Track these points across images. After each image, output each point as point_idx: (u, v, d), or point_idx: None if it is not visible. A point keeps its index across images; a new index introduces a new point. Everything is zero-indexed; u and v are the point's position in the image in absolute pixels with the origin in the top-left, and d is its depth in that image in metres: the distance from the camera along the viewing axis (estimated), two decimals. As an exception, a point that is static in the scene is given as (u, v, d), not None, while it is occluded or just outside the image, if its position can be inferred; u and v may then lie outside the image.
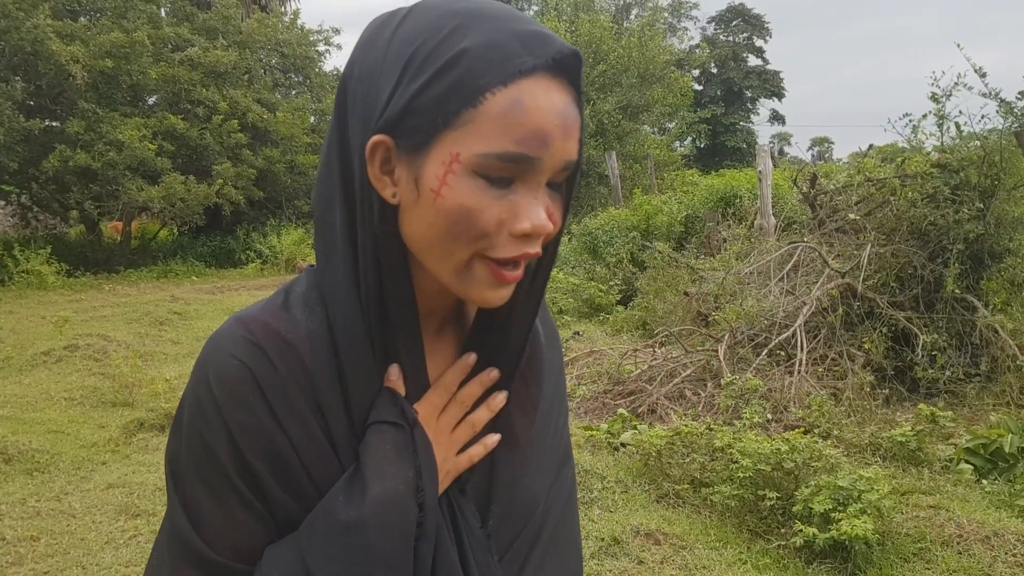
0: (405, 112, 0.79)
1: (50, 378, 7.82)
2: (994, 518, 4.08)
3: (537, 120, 0.78)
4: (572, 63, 0.81)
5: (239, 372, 0.84)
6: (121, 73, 16.86)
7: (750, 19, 43.54)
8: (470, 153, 0.78)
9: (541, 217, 0.81)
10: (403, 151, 0.81)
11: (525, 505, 0.95)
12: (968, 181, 6.61)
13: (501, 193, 0.80)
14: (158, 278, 16.93)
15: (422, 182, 0.80)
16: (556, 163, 0.81)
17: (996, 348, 6.18)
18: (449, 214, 0.79)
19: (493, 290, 0.84)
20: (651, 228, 12.36)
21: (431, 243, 0.82)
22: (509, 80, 0.78)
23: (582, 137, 0.84)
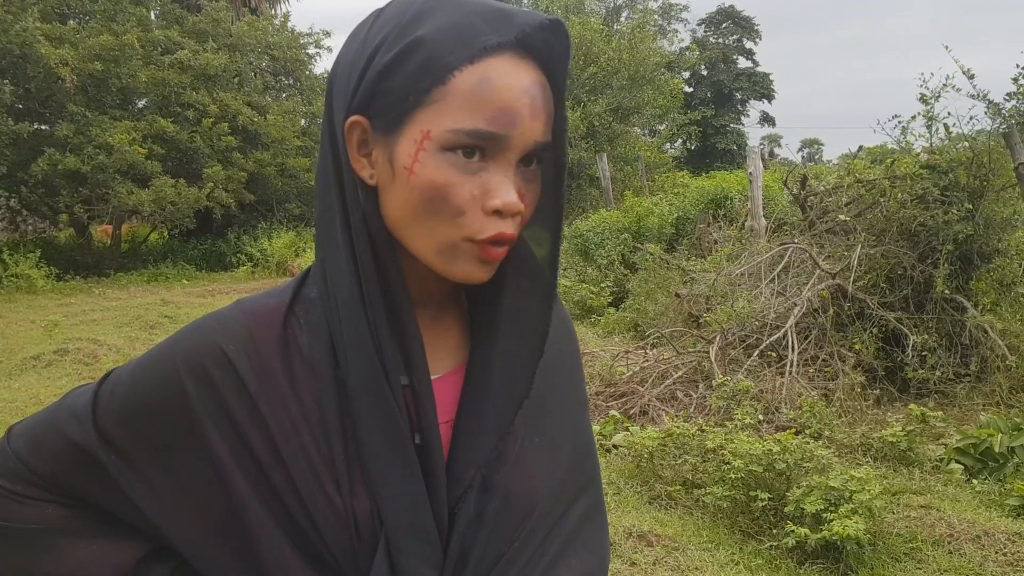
0: (376, 91, 0.82)
1: (40, 382, 7.77)
2: (984, 517, 4.10)
3: (505, 97, 0.80)
4: (539, 40, 0.82)
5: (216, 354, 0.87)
6: (110, 76, 16.80)
7: (740, 21, 43.63)
8: (440, 130, 0.80)
9: (512, 195, 0.82)
10: (378, 131, 0.84)
11: (522, 498, 0.92)
12: (957, 182, 6.63)
13: (472, 170, 0.81)
14: (148, 281, 16.87)
15: (396, 161, 0.83)
16: (525, 142, 0.83)
17: (986, 348, 6.21)
18: (423, 191, 0.81)
19: (478, 266, 0.85)
20: (642, 230, 12.38)
21: (410, 222, 0.84)
22: (476, 58, 0.80)
23: (560, 119, 0.85)
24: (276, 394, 0.87)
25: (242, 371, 0.86)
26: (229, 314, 0.91)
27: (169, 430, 0.87)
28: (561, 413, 1.01)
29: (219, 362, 0.87)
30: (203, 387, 0.86)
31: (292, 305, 0.91)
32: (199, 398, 0.86)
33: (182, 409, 0.86)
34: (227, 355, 0.87)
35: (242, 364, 0.87)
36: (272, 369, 0.87)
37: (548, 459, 0.97)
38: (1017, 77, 6.89)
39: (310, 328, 0.89)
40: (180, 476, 0.88)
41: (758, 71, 43.37)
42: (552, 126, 0.85)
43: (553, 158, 0.87)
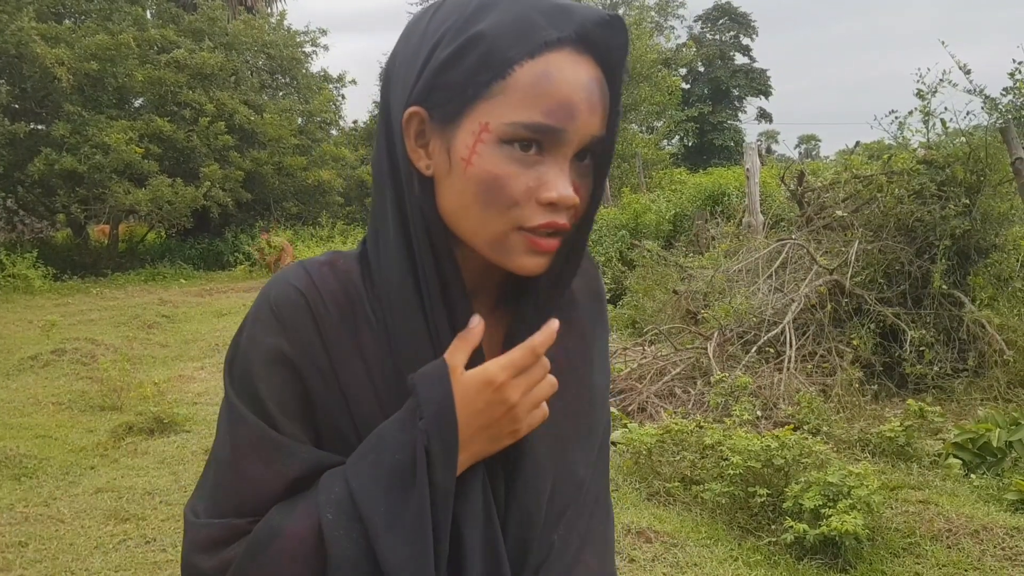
0: (436, 84, 0.84)
1: (37, 383, 7.77)
2: (983, 512, 4.10)
3: (564, 92, 0.82)
4: (598, 36, 0.84)
5: (299, 300, 0.89)
6: (107, 75, 16.79)
7: (737, 18, 43.63)
8: (499, 122, 0.82)
9: (568, 188, 0.84)
10: (436, 122, 0.85)
11: (573, 475, 0.97)
12: (954, 177, 6.64)
13: (529, 163, 0.83)
14: (146, 281, 16.86)
15: (453, 152, 0.84)
16: (582, 136, 0.84)
17: (983, 343, 6.22)
18: (480, 182, 0.83)
19: (530, 257, 0.86)
20: (640, 227, 12.38)
21: (465, 213, 0.86)
22: (536, 52, 0.82)
23: (614, 115, 0.87)
24: (340, 340, 0.90)
25: (316, 314, 0.90)
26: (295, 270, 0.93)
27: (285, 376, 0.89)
28: (594, 405, 1.04)
29: (302, 305, 0.90)
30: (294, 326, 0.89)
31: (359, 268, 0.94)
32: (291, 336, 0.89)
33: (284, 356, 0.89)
34: (307, 299, 0.90)
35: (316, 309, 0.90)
36: (338, 318, 0.91)
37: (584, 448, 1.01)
38: (1014, 72, 6.90)
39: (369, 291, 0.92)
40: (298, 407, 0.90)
41: (755, 67, 43.38)
42: (607, 121, 0.86)
43: (604, 150, 0.88)
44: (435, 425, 0.84)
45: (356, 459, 0.87)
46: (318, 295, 0.90)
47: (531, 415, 0.88)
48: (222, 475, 0.90)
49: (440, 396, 0.85)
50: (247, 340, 0.91)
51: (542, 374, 0.89)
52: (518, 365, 0.86)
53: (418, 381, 0.86)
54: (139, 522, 4.49)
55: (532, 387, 0.88)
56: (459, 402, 0.85)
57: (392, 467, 0.84)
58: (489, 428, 0.86)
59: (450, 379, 0.85)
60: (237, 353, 0.92)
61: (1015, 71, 6.89)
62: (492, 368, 0.86)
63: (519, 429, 0.88)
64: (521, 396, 0.86)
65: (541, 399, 0.89)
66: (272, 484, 0.88)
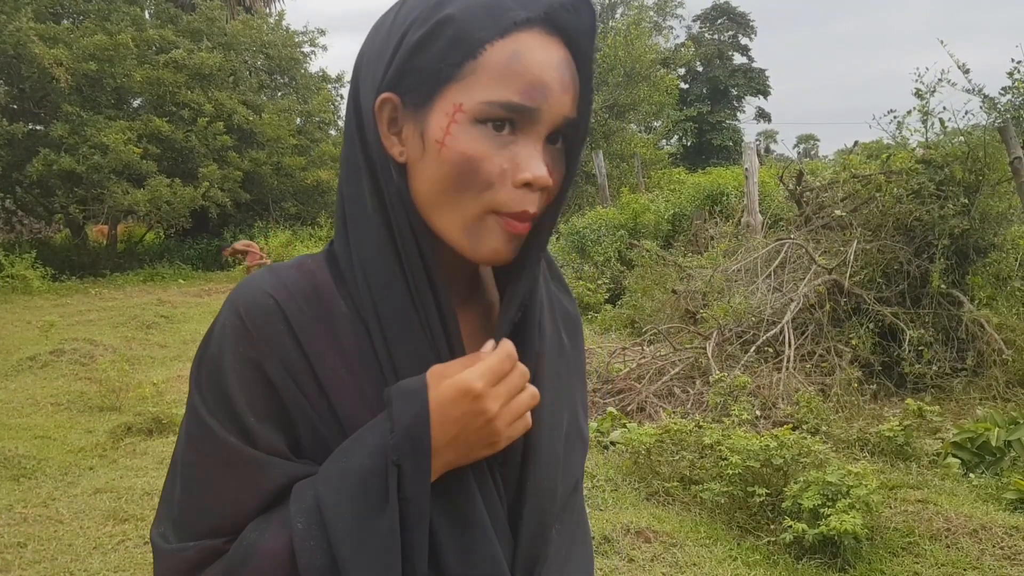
0: (407, 69, 0.84)
1: (36, 383, 7.77)
2: (981, 511, 4.10)
3: (536, 71, 0.82)
4: (565, 18, 0.84)
5: (268, 303, 0.87)
6: (105, 76, 16.77)
7: (735, 17, 43.63)
8: (473, 102, 0.82)
9: (542, 168, 0.84)
10: (409, 107, 0.85)
11: (552, 481, 0.96)
12: (953, 177, 6.64)
13: (503, 143, 0.83)
14: (144, 281, 16.84)
15: (427, 135, 0.84)
16: (555, 116, 0.84)
17: (982, 342, 6.22)
18: (454, 163, 0.83)
19: (504, 243, 0.86)
20: (638, 226, 12.38)
21: (439, 197, 0.85)
22: (506, 32, 0.82)
23: (585, 97, 0.86)
24: (317, 339, 0.88)
25: (290, 317, 0.88)
26: (263, 274, 0.92)
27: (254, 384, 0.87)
28: (574, 408, 1.04)
29: (274, 309, 0.88)
30: (265, 332, 0.87)
31: (326, 268, 0.93)
32: (265, 347, 0.87)
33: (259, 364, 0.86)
34: (277, 303, 0.88)
35: (290, 311, 0.88)
36: (312, 318, 0.89)
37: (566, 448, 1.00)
38: (1012, 72, 6.91)
39: (343, 290, 0.91)
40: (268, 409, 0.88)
41: (753, 67, 43.38)
42: (578, 103, 0.86)
43: (577, 134, 0.88)
44: (406, 440, 0.82)
45: (327, 464, 0.85)
46: (288, 295, 0.88)
47: (511, 427, 0.86)
48: (193, 494, 0.88)
49: (414, 411, 0.83)
50: (216, 348, 0.87)
51: (521, 383, 0.87)
52: (496, 371, 0.85)
53: (395, 394, 0.84)
54: (138, 522, 4.48)
55: (512, 397, 0.86)
56: (435, 410, 0.83)
57: (359, 472, 0.82)
58: (464, 438, 0.84)
59: (427, 395, 0.83)
60: (205, 363, 0.89)
61: (1014, 70, 6.91)
62: (470, 376, 0.83)
63: (497, 441, 0.86)
64: (501, 407, 0.85)
65: (522, 410, 0.87)
66: (247, 501, 0.86)
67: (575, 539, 1.01)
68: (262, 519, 0.85)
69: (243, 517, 0.86)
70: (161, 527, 0.90)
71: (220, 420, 0.86)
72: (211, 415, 0.86)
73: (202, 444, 0.87)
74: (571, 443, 1.00)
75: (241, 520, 0.86)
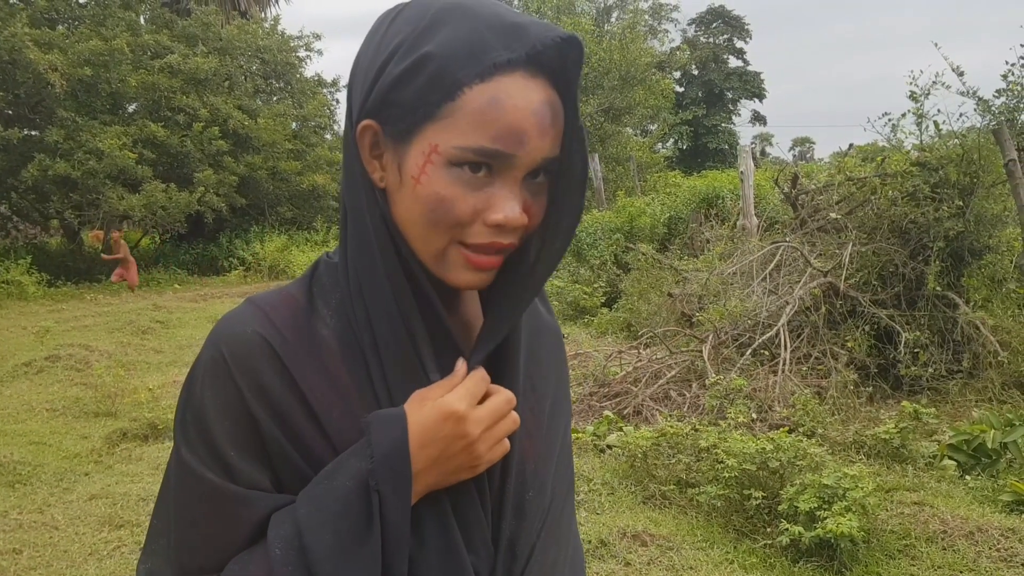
0: (388, 100, 0.84)
1: (31, 389, 7.75)
2: (978, 513, 4.11)
3: (513, 118, 0.81)
4: (550, 58, 0.82)
5: (249, 336, 0.88)
6: (100, 81, 16.78)
7: (730, 21, 43.73)
8: (448, 145, 0.81)
9: (515, 210, 0.84)
10: (389, 137, 0.86)
11: (539, 498, 0.97)
12: (948, 179, 6.65)
13: (478, 185, 0.83)
14: (140, 286, 16.83)
15: (404, 169, 0.85)
16: (532, 159, 0.84)
17: (977, 344, 6.23)
18: (427, 201, 0.83)
19: (468, 273, 0.86)
20: (634, 230, 12.39)
21: (411, 227, 0.86)
22: (486, 75, 0.81)
23: (571, 133, 0.85)
24: (306, 367, 0.89)
25: (277, 348, 0.88)
26: (245, 308, 0.92)
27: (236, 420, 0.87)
28: (556, 416, 1.04)
29: (257, 343, 0.88)
30: (247, 370, 0.87)
31: (308, 291, 0.94)
32: (245, 384, 0.87)
33: (241, 401, 0.87)
34: (262, 336, 0.88)
35: (275, 343, 0.88)
36: (297, 347, 0.89)
37: (552, 458, 1.01)
38: (1006, 74, 6.92)
39: (329, 311, 0.92)
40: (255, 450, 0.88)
41: (748, 70, 43.48)
42: (561, 140, 0.85)
43: (565, 169, 0.86)
44: (385, 466, 0.83)
45: (308, 488, 0.85)
46: (271, 326, 0.89)
47: (492, 451, 0.87)
48: (180, 535, 0.88)
49: (393, 435, 0.83)
50: (198, 386, 0.88)
51: (507, 409, 0.88)
52: (474, 393, 0.86)
53: (373, 420, 0.85)
54: (133, 528, 4.47)
55: (495, 422, 0.87)
56: (416, 433, 0.84)
57: (341, 497, 0.83)
58: (445, 461, 0.85)
59: (406, 420, 0.84)
60: (190, 401, 0.89)
61: (1008, 73, 6.92)
62: (452, 399, 0.85)
63: (478, 465, 0.87)
64: (482, 432, 0.86)
65: (503, 435, 0.88)
66: (232, 537, 0.86)
67: (558, 545, 1.01)
68: (245, 554, 0.86)
69: (229, 553, 0.86)
70: (149, 562, 0.92)
71: (202, 458, 0.87)
72: (193, 453, 0.87)
73: (184, 481, 0.88)
74: (549, 456, 1.00)
75: (228, 556, 0.86)
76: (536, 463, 0.97)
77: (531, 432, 0.97)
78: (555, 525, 1.00)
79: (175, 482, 0.89)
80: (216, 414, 0.86)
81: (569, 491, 1.07)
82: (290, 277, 16.70)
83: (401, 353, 0.87)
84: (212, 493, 0.86)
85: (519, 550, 0.93)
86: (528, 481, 0.95)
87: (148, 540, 0.93)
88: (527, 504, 0.94)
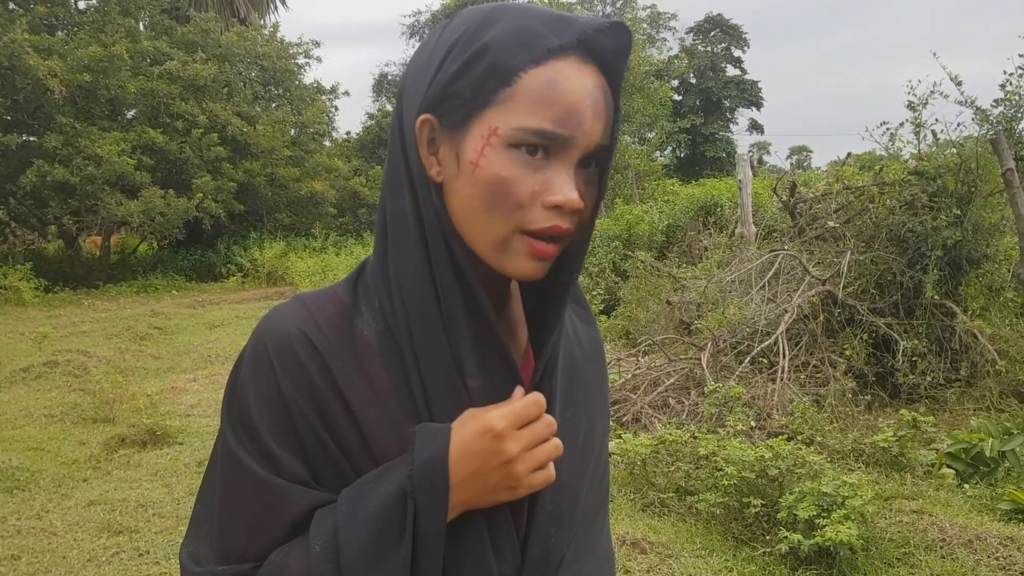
0: (446, 93, 0.86)
1: (29, 395, 7.74)
2: (976, 522, 4.11)
3: (570, 99, 0.84)
4: (600, 43, 0.86)
5: (294, 334, 0.90)
6: (99, 87, 16.79)
7: (728, 29, 43.79)
8: (507, 127, 0.84)
9: (573, 192, 0.86)
10: (446, 128, 0.87)
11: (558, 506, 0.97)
12: (945, 188, 6.67)
13: (535, 167, 0.85)
14: (138, 292, 16.82)
15: (462, 156, 0.86)
16: (588, 143, 0.86)
17: (975, 353, 6.24)
18: (487, 184, 0.85)
19: (530, 262, 0.87)
20: (633, 237, 12.40)
21: (471, 216, 0.87)
22: (541, 60, 0.84)
23: (616, 124, 0.89)
24: (346, 366, 0.90)
25: (319, 346, 0.90)
26: (291, 305, 0.94)
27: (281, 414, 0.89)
28: (594, 428, 1.05)
29: (300, 340, 0.90)
30: (289, 366, 0.89)
31: (353, 292, 0.95)
32: (287, 379, 0.88)
33: (280, 394, 0.88)
34: (305, 334, 0.90)
35: (318, 341, 0.90)
36: (338, 346, 0.91)
37: (588, 468, 1.02)
38: (1004, 84, 6.95)
39: (372, 313, 0.93)
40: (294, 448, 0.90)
41: (746, 79, 43.52)
42: (611, 128, 0.88)
43: (608, 158, 0.90)
44: (424, 475, 0.84)
45: (352, 488, 0.87)
46: (316, 326, 0.90)
47: (533, 476, 0.88)
48: (223, 521, 0.91)
49: (435, 447, 0.85)
50: (243, 378, 0.91)
51: (547, 434, 0.88)
52: (519, 415, 0.86)
53: (419, 431, 0.87)
54: (132, 535, 4.47)
55: (534, 444, 0.87)
56: (456, 446, 0.85)
57: (380, 502, 0.85)
58: (482, 477, 0.86)
59: (450, 434, 0.86)
60: (233, 392, 0.92)
61: (1006, 82, 6.94)
62: (491, 415, 0.86)
63: (517, 487, 0.87)
64: (520, 451, 0.86)
65: (544, 459, 0.88)
66: (273, 527, 0.88)
67: (590, 555, 1.02)
68: (287, 546, 0.87)
69: (270, 543, 0.88)
70: (191, 547, 0.94)
71: (246, 448, 0.89)
72: (238, 442, 0.89)
73: (229, 470, 0.90)
74: (584, 467, 1.01)
75: (268, 546, 0.88)
76: (571, 473, 0.97)
77: (567, 442, 0.96)
78: (587, 535, 1.01)
79: (221, 468, 0.91)
80: (258, 406, 0.89)
81: (603, 501, 1.07)
82: (288, 283, 16.71)
83: (438, 356, 0.88)
84: (255, 483, 0.88)
85: (551, 558, 0.94)
86: (563, 490, 0.95)
87: (192, 525, 0.95)
88: (561, 513, 0.95)
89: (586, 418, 1.02)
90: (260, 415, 0.88)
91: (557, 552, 0.95)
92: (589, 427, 1.02)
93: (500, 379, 0.90)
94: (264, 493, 0.88)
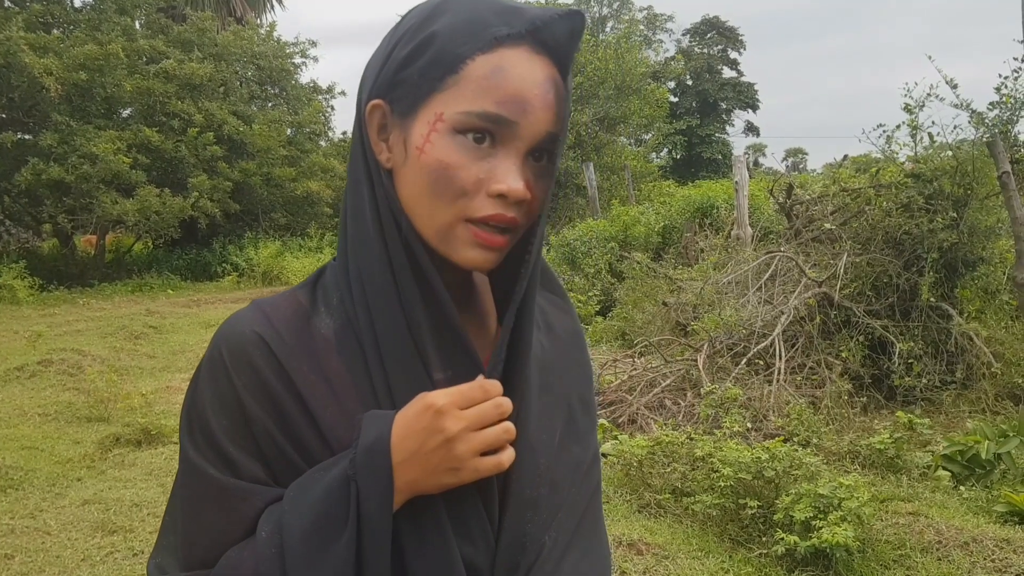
0: (396, 80, 0.87)
1: (24, 393, 7.71)
2: (972, 524, 4.11)
3: (517, 85, 0.84)
4: (550, 34, 0.85)
5: (248, 337, 0.90)
6: (95, 86, 16.75)
7: (724, 31, 43.87)
8: (452, 112, 0.84)
9: (518, 182, 0.85)
10: (397, 116, 0.88)
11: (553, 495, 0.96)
12: (941, 190, 6.68)
13: (481, 155, 0.84)
14: (133, 292, 16.78)
15: (410, 142, 0.86)
16: (535, 131, 0.85)
17: (971, 355, 6.25)
18: (431, 170, 0.85)
19: (476, 251, 0.87)
20: (629, 239, 12.41)
21: (417, 202, 0.87)
22: (488, 47, 0.84)
23: (565, 111, 0.88)
24: (302, 366, 0.90)
25: (275, 348, 0.89)
26: (248, 309, 0.94)
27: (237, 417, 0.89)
28: (577, 416, 1.04)
29: (255, 343, 0.90)
30: (244, 369, 0.89)
31: (312, 292, 0.95)
32: (241, 382, 0.88)
33: (236, 397, 0.88)
34: (260, 336, 0.90)
35: (274, 343, 0.90)
36: (295, 347, 0.90)
37: (570, 457, 1.00)
38: (1000, 87, 6.96)
39: (330, 311, 0.93)
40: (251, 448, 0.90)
41: (743, 81, 43.60)
42: (562, 119, 0.87)
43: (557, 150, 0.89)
44: (365, 457, 0.83)
45: (300, 479, 0.87)
46: (270, 327, 0.90)
47: (479, 460, 0.85)
48: (185, 529, 0.91)
49: (377, 430, 0.84)
50: (200, 385, 0.91)
51: (494, 415, 0.85)
52: (464, 395, 0.84)
53: (365, 419, 0.86)
54: (126, 534, 4.45)
55: (479, 426, 0.85)
56: (398, 425, 0.84)
57: (324, 486, 0.84)
58: (423, 456, 0.83)
59: (392, 419, 0.85)
60: (194, 400, 0.91)
61: (1001, 85, 6.95)
62: (434, 394, 0.84)
63: (460, 468, 0.84)
64: (461, 430, 0.83)
65: (491, 441, 0.85)
66: (235, 530, 0.88)
67: (579, 549, 1.00)
68: (242, 544, 0.88)
69: (229, 546, 0.88)
70: (158, 557, 0.94)
71: (204, 454, 0.89)
72: (196, 450, 0.90)
73: (188, 479, 0.91)
74: (564, 454, 0.99)
75: (229, 548, 0.88)
76: (548, 458, 0.95)
77: (544, 428, 0.96)
78: (575, 526, 0.99)
79: (181, 479, 0.92)
80: (214, 411, 0.89)
81: (594, 493, 1.06)
82: (284, 283, 16.68)
83: (401, 349, 0.87)
84: (214, 488, 0.88)
85: (529, 544, 0.92)
86: (541, 476, 0.94)
87: (160, 536, 0.96)
88: (538, 499, 0.93)
89: (566, 406, 1.01)
90: (217, 420, 0.88)
91: (535, 539, 0.93)
92: (570, 416, 1.01)
93: (465, 370, 0.88)
94: (223, 498, 0.88)
